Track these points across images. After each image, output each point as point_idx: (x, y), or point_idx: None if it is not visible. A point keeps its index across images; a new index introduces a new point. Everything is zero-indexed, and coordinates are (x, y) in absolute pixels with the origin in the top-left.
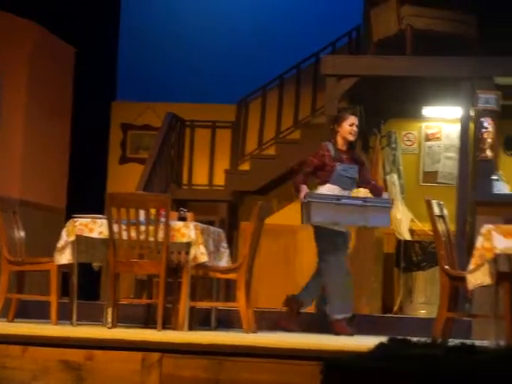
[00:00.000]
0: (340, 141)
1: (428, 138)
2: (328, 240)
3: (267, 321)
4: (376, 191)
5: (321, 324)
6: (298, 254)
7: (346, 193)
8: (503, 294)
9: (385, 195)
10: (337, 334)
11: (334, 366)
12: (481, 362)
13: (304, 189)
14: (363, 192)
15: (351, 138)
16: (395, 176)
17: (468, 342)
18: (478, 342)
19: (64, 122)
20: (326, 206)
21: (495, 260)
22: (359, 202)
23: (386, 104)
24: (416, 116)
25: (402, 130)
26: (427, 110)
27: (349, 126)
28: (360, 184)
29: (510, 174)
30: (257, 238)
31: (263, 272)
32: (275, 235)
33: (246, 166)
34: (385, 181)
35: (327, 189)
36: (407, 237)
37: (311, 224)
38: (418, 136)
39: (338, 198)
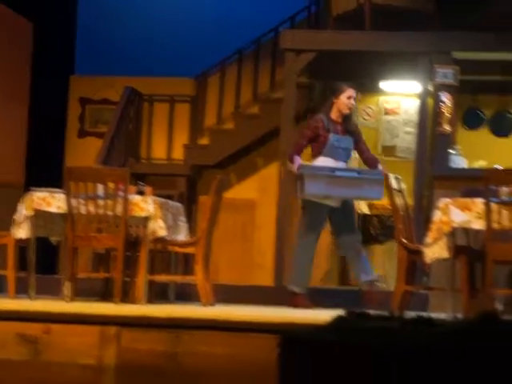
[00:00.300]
0: (335, 113)
1: (387, 113)
2: (309, 220)
3: (225, 294)
4: (371, 163)
5: (279, 297)
6: (257, 228)
7: (340, 164)
8: (460, 268)
9: (379, 167)
10: (295, 307)
11: (292, 338)
12: (437, 335)
13: (297, 160)
14: None
15: (346, 111)
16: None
17: (425, 314)
18: (434, 315)
19: (22, 96)
20: (320, 179)
21: (452, 233)
22: (354, 175)
23: (345, 78)
24: (375, 90)
25: (361, 104)
26: (386, 85)
27: (346, 99)
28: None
29: (467, 148)
30: (215, 212)
31: (221, 246)
32: (234, 209)
33: (204, 141)
34: None
35: (321, 161)
36: (365, 211)
37: (303, 197)
38: (376, 110)
39: (333, 169)
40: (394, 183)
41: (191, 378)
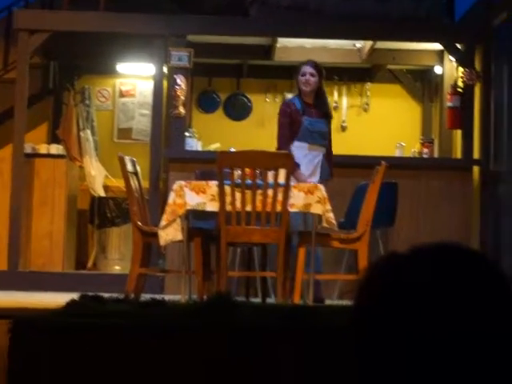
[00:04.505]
0: (303, 94)
1: (122, 95)
2: None
3: None
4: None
5: (13, 281)
6: None
7: (314, 149)
8: (194, 250)
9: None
10: None
11: (23, 323)
12: (170, 315)
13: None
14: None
15: (303, 87)
16: (89, 132)
17: (159, 297)
18: (170, 297)
19: None
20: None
21: (187, 216)
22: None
23: (80, 60)
24: (110, 72)
25: (96, 87)
26: (121, 67)
27: (301, 76)
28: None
29: (202, 130)
30: None
31: None
32: None
33: None
34: (79, 137)
35: (295, 146)
36: (101, 193)
37: None
38: (112, 92)
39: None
40: (129, 165)
41: None
